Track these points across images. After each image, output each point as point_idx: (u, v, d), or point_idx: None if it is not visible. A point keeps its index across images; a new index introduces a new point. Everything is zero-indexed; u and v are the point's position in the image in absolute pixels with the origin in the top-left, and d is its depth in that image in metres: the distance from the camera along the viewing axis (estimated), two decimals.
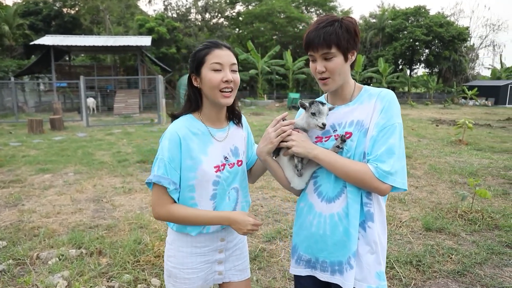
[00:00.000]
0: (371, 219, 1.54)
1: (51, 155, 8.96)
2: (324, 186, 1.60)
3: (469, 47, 44.91)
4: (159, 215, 1.65)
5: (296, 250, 1.71)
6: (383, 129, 1.48)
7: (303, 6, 44.53)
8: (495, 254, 3.80)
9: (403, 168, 1.48)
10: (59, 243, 3.94)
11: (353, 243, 1.52)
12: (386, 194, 1.51)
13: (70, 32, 32.86)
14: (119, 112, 20.54)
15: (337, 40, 1.48)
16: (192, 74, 1.66)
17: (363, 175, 1.46)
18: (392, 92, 1.58)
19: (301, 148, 1.54)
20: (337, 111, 1.62)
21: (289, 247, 3.95)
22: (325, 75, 1.54)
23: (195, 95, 1.69)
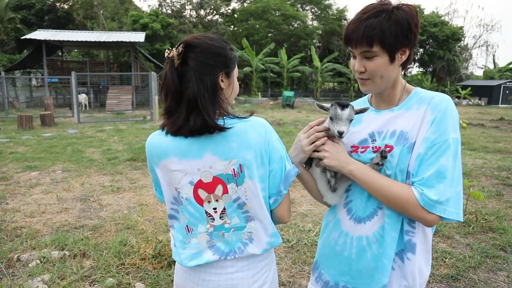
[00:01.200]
0: (412, 250, 1.29)
1: (40, 152, 8.78)
2: (355, 202, 1.38)
3: (463, 47, 45.13)
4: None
5: (317, 267, 1.53)
6: (433, 146, 1.19)
7: (298, 4, 44.44)
8: (489, 258, 3.73)
9: (458, 195, 1.20)
10: (42, 245, 3.81)
11: (384, 275, 1.29)
12: (433, 225, 1.24)
13: (63, 27, 32.49)
14: (112, 109, 20.33)
15: (381, 36, 1.20)
16: (222, 73, 1.32)
17: (405, 202, 1.20)
18: (449, 98, 1.27)
19: (335, 161, 1.31)
20: (380, 116, 1.37)
21: (279, 250, 3.85)
22: (364, 75, 1.29)
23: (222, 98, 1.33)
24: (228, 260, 1.39)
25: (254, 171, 1.31)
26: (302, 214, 4.85)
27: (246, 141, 1.29)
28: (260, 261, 1.42)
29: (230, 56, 1.35)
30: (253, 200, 1.33)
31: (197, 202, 1.34)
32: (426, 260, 1.35)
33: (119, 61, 31.53)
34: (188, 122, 1.26)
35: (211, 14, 41.53)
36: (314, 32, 42.00)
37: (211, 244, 1.39)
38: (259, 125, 1.33)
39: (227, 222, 1.36)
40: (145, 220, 4.55)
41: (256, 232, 1.37)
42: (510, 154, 9.37)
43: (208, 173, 1.30)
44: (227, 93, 1.38)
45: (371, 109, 1.43)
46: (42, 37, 21.82)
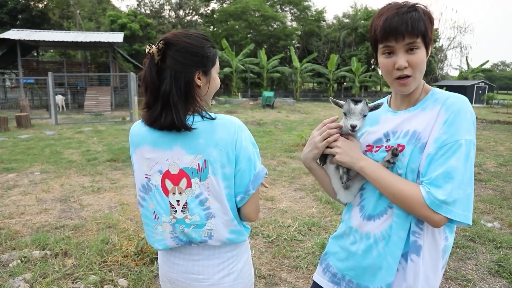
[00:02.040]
0: (417, 252, 1.27)
1: (16, 154, 8.64)
2: (367, 200, 1.40)
3: (438, 48, 46.25)
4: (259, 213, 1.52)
5: (326, 258, 1.55)
6: (443, 146, 1.19)
7: (278, 5, 44.72)
8: (459, 248, 3.91)
9: (467, 198, 1.18)
10: (22, 245, 3.80)
11: (389, 274, 1.30)
12: (439, 226, 1.21)
13: (38, 27, 31.81)
14: (90, 110, 20.04)
15: (424, 29, 1.21)
16: (198, 71, 1.37)
17: (412, 200, 1.20)
18: (465, 99, 1.27)
19: (347, 157, 1.33)
20: (396, 116, 1.38)
21: (260, 245, 3.95)
22: (408, 71, 1.25)
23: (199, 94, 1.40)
24: (194, 247, 1.47)
25: (218, 169, 1.36)
26: (282, 211, 4.95)
27: (213, 139, 1.34)
28: (227, 252, 1.49)
29: (208, 55, 1.39)
30: (215, 197, 1.39)
31: (164, 191, 1.41)
32: (433, 267, 1.31)
33: (97, 62, 31.09)
34: (161, 117, 1.32)
35: (190, 14, 41.38)
36: (293, 33, 42.37)
37: (174, 235, 1.45)
38: (230, 124, 1.37)
39: (188, 218, 1.41)
40: (126, 219, 4.57)
41: (216, 229, 1.41)
42: (481, 151, 9.73)
43: (175, 165, 1.37)
44: (205, 90, 1.43)
45: (389, 109, 1.45)
46: (16, 36, 21.32)
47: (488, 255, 3.78)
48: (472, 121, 1.23)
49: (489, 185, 6.40)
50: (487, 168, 7.65)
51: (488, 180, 6.70)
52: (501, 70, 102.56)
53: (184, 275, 1.49)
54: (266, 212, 4.94)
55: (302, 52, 41.83)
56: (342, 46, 41.54)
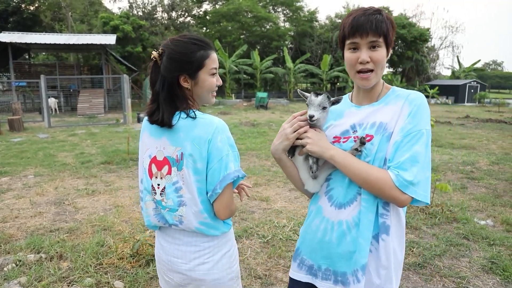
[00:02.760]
0: (386, 231, 1.41)
1: (9, 157, 8.57)
2: (336, 190, 1.48)
3: (430, 47, 46.57)
4: (232, 211, 1.59)
5: (299, 253, 1.61)
6: (409, 134, 1.33)
7: (270, 6, 44.76)
8: (453, 246, 3.95)
9: (427, 180, 1.33)
10: (17, 248, 3.78)
11: (362, 256, 1.39)
12: (404, 205, 1.36)
13: (30, 30, 31.54)
14: (83, 112, 19.92)
15: (386, 30, 1.36)
16: (183, 76, 1.52)
17: (382, 183, 1.31)
18: (423, 95, 1.43)
19: (317, 146, 1.41)
20: (360, 110, 1.50)
21: (255, 245, 3.96)
22: (369, 66, 1.39)
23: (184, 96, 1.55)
24: (177, 231, 1.64)
25: (190, 162, 1.51)
26: (277, 211, 4.97)
27: (190, 135, 1.50)
28: (204, 242, 1.61)
29: (191, 60, 1.51)
30: (187, 187, 1.54)
31: (149, 174, 1.61)
32: (399, 243, 1.46)
33: (90, 64, 30.91)
34: (154, 114, 1.54)
35: (183, 16, 41.26)
36: (286, 33, 42.43)
37: (156, 213, 1.65)
38: (209, 123, 1.51)
39: (164, 201, 1.59)
40: (121, 221, 4.56)
41: (186, 216, 1.56)
42: (474, 150, 9.82)
43: (161, 152, 1.57)
44: (196, 91, 1.58)
45: (352, 104, 1.56)
46: (7, 39, 21.13)
47: (481, 252, 3.82)
48: (429, 114, 1.40)
49: (482, 183, 6.47)
50: (480, 167, 7.73)
51: (481, 178, 6.77)
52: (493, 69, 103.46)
53: (168, 257, 1.66)
54: (261, 212, 4.95)
55: (295, 52, 41.91)
56: (335, 46, 41.64)
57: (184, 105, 1.54)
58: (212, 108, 24.53)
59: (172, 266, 1.65)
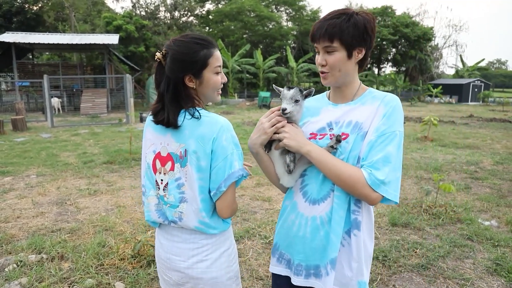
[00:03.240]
0: (358, 227, 1.47)
1: (12, 157, 8.59)
2: (310, 186, 1.52)
3: (433, 46, 46.41)
4: (235, 210, 1.60)
5: (277, 248, 1.65)
6: (383, 135, 1.39)
7: (273, 5, 44.72)
8: (457, 247, 3.91)
9: (397, 180, 1.39)
10: (18, 249, 3.77)
11: (333, 250, 1.45)
12: (375, 204, 1.41)
13: (33, 30, 31.65)
14: (86, 112, 19.96)
15: (340, 34, 1.39)
16: (187, 76, 1.52)
17: (354, 180, 1.36)
18: (398, 98, 1.49)
19: (294, 141, 1.44)
20: (337, 109, 1.54)
21: (257, 246, 3.94)
22: (325, 69, 1.47)
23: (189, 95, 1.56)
24: (176, 228, 1.63)
25: (194, 160, 1.51)
26: (279, 211, 4.93)
27: (195, 133, 1.51)
28: (202, 239, 1.61)
29: (195, 59, 1.51)
30: (190, 184, 1.54)
31: (153, 169, 1.62)
32: (369, 237, 1.53)
33: (93, 64, 30.94)
34: (159, 114, 1.55)
35: (185, 15, 41.26)
36: (289, 33, 42.36)
37: (157, 209, 1.65)
38: (214, 122, 1.52)
39: (166, 196, 1.60)
40: (123, 222, 4.55)
41: (186, 213, 1.56)
42: (478, 150, 9.76)
43: (165, 148, 1.58)
44: (202, 90, 1.59)
45: (329, 102, 1.61)
46: (11, 39, 21.20)
47: (486, 253, 3.78)
48: (402, 117, 1.46)
49: (486, 183, 6.42)
50: (484, 166, 7.67)
51: (485, 178, 6.72)
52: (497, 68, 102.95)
53: (167, 255, 1.66)
54: (263, 213, 4.93)
55: (298, 52, 41.86)
56: None
57: (190, 104, 1.55)
58: (215, 108, 24.53)
59: (171, 264, 1.65)
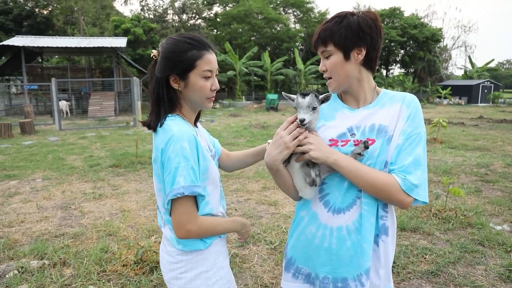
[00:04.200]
0: (386, 233, 1.42)
1: (19, 160, 8.61)
2: (333, 195, 1.44)
3: (442, 47, 46.00)
4: (190, 232, 1.42)
5: (293, 263, 1.54)
6: (409, 137, 1.36)
7: (281, 7, 44.68)
8: (468, 253, 3.80)
9: (425, 181, 1.37)
10: (20, 254, 3.73)
11: (366, 259, 1.39)
12: (408, 207, 1.37)
13: (43, 33, 31.96)
14: (94, 115, 20.06)
15: (331, 37, 1.38)
16: (173, 76, 1.44)
17: (389, 187, 1.32)
18: (416, 97, 1.46)
19: (320, 152, 1.35)
20: (355, 113, 1.47)
21: (262, 252, 3.86)
22: (326, 74, 1.45)
23: (171, 97, 1.48)
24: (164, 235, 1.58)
25: (154, 169, 1.49)
26: (285, 216, 4.86)
27: (155, 141, 1.47)
28: (177, 254, 1.51)
29: (181, 59, 1.42)
30: (156, 193, 1.52)
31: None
32: (393, 243, 1.49)
33: (101, 67, 31.16)
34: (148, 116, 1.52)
35: (193, 18, 41.40)
36: (297, 35, 42.28)
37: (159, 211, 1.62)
38: (167, 132, 1.40)
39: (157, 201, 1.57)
40: (127, 226, 4.50)
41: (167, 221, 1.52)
42: (488, 152, 9.58)
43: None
44: (187, 94, 1.49)
45: (344, 106, 1.52)
46: (20, 43, 21.41)
47: (498, 259, 3.66)
48: (422, 116, 1.44)
49: (497, 187, 6.27)
50: (495, 169, 7.51)
51: (496, 181, 6.57)
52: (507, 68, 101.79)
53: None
54: (269, 217, 4.85)
55: (306, 54, 41.74)
56: None
57: (171, 108, 1.48)
58: (223, 110, 24.54)
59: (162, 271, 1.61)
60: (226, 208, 5.02)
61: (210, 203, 1.51)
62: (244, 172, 7.19)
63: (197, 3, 40.70)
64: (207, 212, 1.50)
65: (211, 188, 1.52)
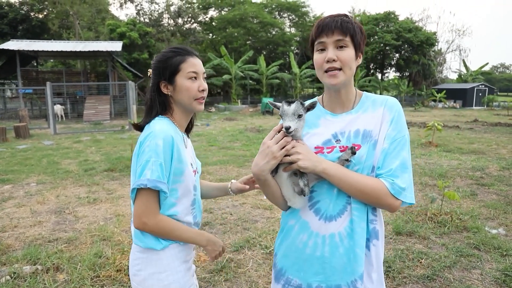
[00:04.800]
0: (376, 236, 1.43)
1: (13, 164, 8.55)
2: (323, 202, 1.42)
3: (437, 51, 46.29)
4: (145, 225, 1.49)
5: (283, 273, 1.50)
6: (394, 141, 1.37)
7: (276, 12, 44.80)
8: (463, 257, 3.79)
9: (411, 182, 1.38)
10: (13, 260, 3.69)
11: (360, 264, 1.37)
12: (396, 210, 1.38)
13: (38, 37, 31.88)
14: (89, 119, 19.98)
15: (352, 31, 1.36)
16: (162, 82, 1.58)
17: (378, 191, 1.33)
18: (397, 100, 1.47)
19: (308, 161, 1.33)
20: (338, 119, 1.46)
21: (258, 256, 3.84)
22: (336, 64, 1.36)
23: (163, 101, 1.61)
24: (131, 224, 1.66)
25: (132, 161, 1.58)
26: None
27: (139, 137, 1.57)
28: (137, 250, 1.58)
29: (165, 65, 1.57)
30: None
31: None
32: (382, 246, 1.49)
33: (96, 71, 31.09)
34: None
35: (189, 22, 41.41)
36: (292, 39, 42.40)
37: None
38: (147, 129, 1.55)
39: None
40: (121, 231, 4.46)
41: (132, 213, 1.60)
42: (483, 155, 9.61)
43: None
44: (177, 97, 1.61)
45: (327, 112, 1.51)
46: (15, 47, 21.33)
47: (494, 263, 3.66)
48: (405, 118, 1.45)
49: (492, 190, 6.28)
50: (490, 172, 7.53)
51: (491, 184, 6.59)
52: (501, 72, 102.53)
53: None
54: (264, 222, 4.83)
55: (301, 58, 41.84)
56: None
57: (163, 112, 1.62)
58: (218, 114, 24.52)
59: None
60: (221, 213, 4.97)
61: (177, 206, 1.57)
62: (239, 176, 7.14)
63: (192, 7, 40.71)
64: (171, 213, 1.56)
65: (182, 192, 1.58)
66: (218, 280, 3.36)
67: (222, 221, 4.80)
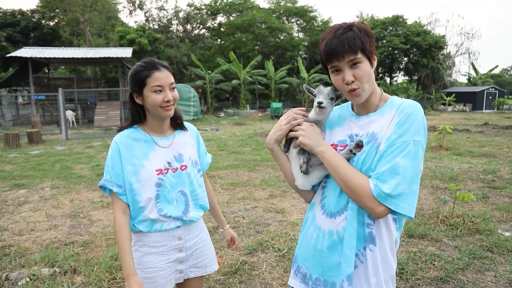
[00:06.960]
0: (373, 242, 1.39)
1: (27, 169, 8.70)
2: (328, 198, 1.48)
3: (445, 55, 45.95)
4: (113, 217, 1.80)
5: (296, 260, 1.61)
6: (393, 145, 1.31)
7: (284, 17, 44.94)
8: (476, 259, 3.79)
9: (412, 194, 1.29)
10: (31, 262, 3.77)
11: (348, 265, 1.38)
12: (381, 217, 1.33)
13: (50, 44, 32.34)
14: (100, 125, 20.21)
15: (361, 44, 1.34)
16: (134, 93, 1.80)
17: (360, 189, 1.31)
18: (417, 104, 1.39)
19: (309, 139, 1.41)
20: (359, 121, 1.49)
21: (271, 259, 3.87)
22: (355, 85, 1.36)
23: (137, 110, 1.85)
24: None
25: None
26: (293, 223, 4.87)
27: None
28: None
29: (135, 79, 1.76)
30: None
31: None
32: (391, 251, 1.44)
33: (107, 77, 31.42)
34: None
35: (197, 28, 41.71)
36: (300, 43, 42.45)
37: None
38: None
39: None
40: None
41: None
42: (494, 158, 9.55)
43: None
44: (147, 106, 1.81)
45: (352, 114, 1.55)
46: (28, 54, 21.70)
47: (507, 266, 3.65)
48: (423, 124, 1.36)
49: (504, 193, 6.25)
50: (502, 175, 7.49)
51: (503, 187, 6.55)
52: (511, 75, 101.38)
53: None
54: (277, 225, 4.86)
55: (310, 62, 41.86)
56: None
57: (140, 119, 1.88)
58: (227, 119, 24.62)
59: None
60: (234, 216, 5.01)
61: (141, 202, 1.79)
62: (250, 180, 7.22)
63: (201, 13, 41.02)
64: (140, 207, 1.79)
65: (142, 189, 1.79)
66: (233, 282, 3.41)
67: (234, 224, 4.85)
